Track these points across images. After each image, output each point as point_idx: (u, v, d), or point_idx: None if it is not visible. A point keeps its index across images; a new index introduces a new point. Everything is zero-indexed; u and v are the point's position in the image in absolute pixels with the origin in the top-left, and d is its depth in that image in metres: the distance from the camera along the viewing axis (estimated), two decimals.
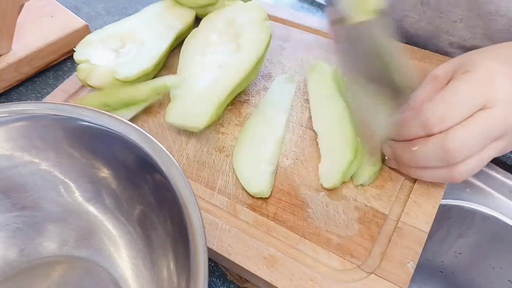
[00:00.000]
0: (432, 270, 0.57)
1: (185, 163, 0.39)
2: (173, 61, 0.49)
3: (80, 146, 0.33)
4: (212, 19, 0.46)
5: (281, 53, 0.48)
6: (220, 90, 0.40)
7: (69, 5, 0.62)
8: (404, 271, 0.31)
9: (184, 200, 0.26)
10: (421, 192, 0.35)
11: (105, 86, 0.41)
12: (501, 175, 0.45)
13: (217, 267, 0.36)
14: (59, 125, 0.32)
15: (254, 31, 0.43)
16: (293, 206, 0.35)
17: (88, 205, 0.35)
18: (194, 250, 0.24)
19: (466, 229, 0.50)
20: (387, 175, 0.37)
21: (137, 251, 0.33)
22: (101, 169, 0.33)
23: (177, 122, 0.39)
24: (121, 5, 0.63)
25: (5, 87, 0.50)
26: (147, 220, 0.32)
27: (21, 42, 0.51)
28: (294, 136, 0.40)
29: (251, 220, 0.35)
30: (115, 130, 0.30)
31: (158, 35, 0.46)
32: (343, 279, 0.31)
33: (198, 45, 0.44)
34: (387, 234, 0.33)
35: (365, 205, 0.35)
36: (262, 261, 0.32)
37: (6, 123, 0.32)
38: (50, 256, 0.34)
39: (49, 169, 0.34)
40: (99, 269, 0.34)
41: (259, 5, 0.45)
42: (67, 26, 0.53)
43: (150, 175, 0.30)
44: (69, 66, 0.54)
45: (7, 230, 0.34)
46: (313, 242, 0.33)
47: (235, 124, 0.42)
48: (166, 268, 0.30)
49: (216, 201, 0.36)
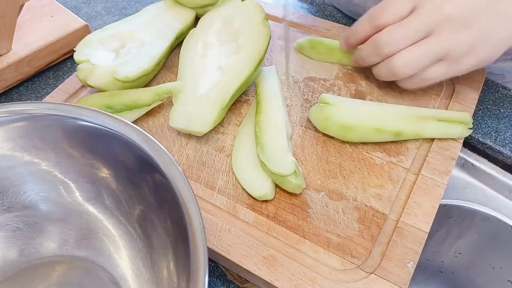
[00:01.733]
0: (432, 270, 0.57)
1: (185, 163, 0.39)
2: (173, 61, 0.49)
3: (80, 146, 0.33)
4: (209, 19, 0.46)
5: (281, 53, 0.48)
6: (222, 93, 0.39)
7: (69, 5, 0.63)
8: (404, 271, 0.31)
9: (184, 200, 0.26)
10: (421, 192, 0.35)
11: (105, 86, 0.41)
12: (501, 175, 0.45)
13: (217, 267, 0.36)
14: (59, 125, 0.32)
15: (253, 31, 0.43)
16: (293, 206, 0.35)
17: (88, 205, 0.35)
18: (194, 250, 0.24)
19: (466, 229, 0.50)
20: (387, 175, 0.37)
21: (137, 251, 0.33)
22: (101, 169, 0.33)
23: (181, 127, 0.39)
24: (121, 5, 0.63)
25: (5, 87, 0.50)
26: (147, 220, 0.32)
27: (21, 42, 0.51)
28: (294, 136, 0.40)
29: (251, 220, 0.35)
30: (115, 130, 0.30)
31: (158, 35, 0.46)
32: (343, 279, 0.31)
33: (197, 47, 0.44)
34: (387, 234, 0.33)
35: (365, 205, 0.35)
36: (262, 261, 0.32)
37: (6, 123, 0.32)
38: (50, 256, 0.34)
39: (49, 169, 0.34)
40: (99, 269, 0.34)
41: (257, 3, 0.45)
42: (67, 26, 0.53)
43: (150, 175, 0.30)
44: (69, 66, 0.54)
45: (7, 230, 0.34)
46: (313, 242, 0.33)
47: (235, 124, 0.42)
48: (166, 268, 0.30)
49: (216, 201, 0.36)
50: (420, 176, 0.36)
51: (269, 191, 0.35)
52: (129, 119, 0.41)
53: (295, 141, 0.40)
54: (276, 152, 0.36)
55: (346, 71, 0.46)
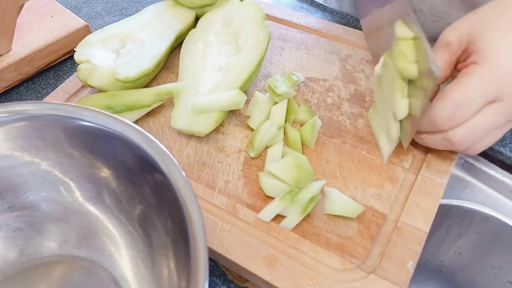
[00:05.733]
0: (432, 270, 0.57)
1: (185, 163, 0.39)
2: (173, 61, 0.49)
3: (80, 146, 0.33)
4: (209, 19, 0.46)
5: (281, 54, 0.48)
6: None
7: (69, 5, 0.63)
8: (403, 271, 0.31)
9: (184, 200, 0.26)
10: (420, 192, 0.35)
11: (106, 87, 0.41)
12: (501, 175, 0.45)
13: (217, 266, 0.36)
14: (59, 125, 0.32)
15: (253, 31, 0.43)
16: None
17: (88, 205, 0.35)
18: (194, 250, 0.24)
19: (465, 229, 0.50)
20: (386, 175, 0.37)
21: (137, 251, 0.33)
22: (101, 169, 0.33)
23: (183, 127, 0.39)
24: (121, 5, 0.63)
25: (5, 87, 0.50)
26: (148, 220, 0.32)
27: (21, 42, 0.51)
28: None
29: (251, 220, 0.35)
30: (115, 130, 0.30)
31: (159, 35, 0.46)
32: (343, 279, 0.31)
33: (197, 47, 0.44)
34: (386, 234, 0.33)
35: (364, 205, 0.35)
36: (262, 261, 0.32)
37: (6, 123, 0.32)
38: (50, 256, 0.34)
39: (50, 169, 0.34)
40: (100, 269, 0.34)
41: (257, 3, 0.45)
42: (67, 26, 0.53)
43: (151, 175, 0.30)
44: (70, 66, 0.54)
45: (7, 230, 0.34)
46: (313, 242, 0.33)
47: (235, 124, 0.42)
48: (167, 268, 0.30)
49: (216, 201, 0.36)
50: (419, 176, 0.36)
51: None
52: (130, 120, 0.41)
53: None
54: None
55: (346, 71, 0.46)
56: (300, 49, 0.49)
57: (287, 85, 0.41)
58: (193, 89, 0.41)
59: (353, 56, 0.47)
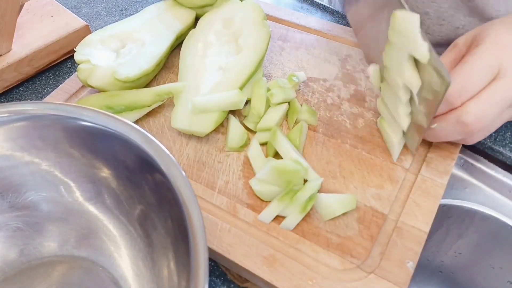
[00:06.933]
0: (432, 270, 0.57)
1: (185, 163, 0.39)
2: (173, 61, 0.49)
3: (80, 146, 0.33)
4: (209, 19, 0.46)
5: (281, 54, 0.48)
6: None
7: (69, 5, 0.63)
8: (403, 271, 0.31)
9: (184, 200, 0.26)
10: (420, 192, 0.35)
11: (106, 87, 0.41)
12: (501, 175, 0.45)
13: (217, 266, 0.36)
14: (59, 125, 0.32)
15: (253, 31, 0.43)
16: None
17: (88, 205, 0.35)
18: (194, 250, 0.24)
19: (465, 229, 0.50)
20: (386, 175, 0.37)
21: (137, 251, 0.33)
22: (101, 169, 0.33)
23: (183, 127, 0.39)
24: (121, 6, 0.63)
25: (5, 87, 0.50)
26: (148, 220, 0.32)
27: (21, 42, 0.51)
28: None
29: (251, 220, 0.35)
30: (115, 130, 0.30)
31: (159, 35, 0.46)
32: (343, 279, 0.31)
33: (197, 47, 0.44)
34: (386, 234, 0.33)
35: (364, 205, 0.35)
36: (262, 261, 0.32)
37: (6, 123, 0.32)
38: (50, 256, 0.34)
39: (50, 169, 0.34)
40: (100, 269, 0.34)
41: (257, 3, 0.45)
42: (67, 26, 0.53)
43: (151, 175, 0.30)
44: (70, 66, 0.54)
45: (7, 230, 0.34)
46: (313, 242, 0.33)
47: None
48: (167, 268, 0.30)
49: (216, 201, 0.36)
50: (419, 176, 0.36)
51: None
52: (130, 120, 0.41)
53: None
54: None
55: (346, 71, 0.46)
56: (300, 49, 0.49)
57: (288, 87, 0.41)
58: (193, 89, 0.41)
59: (353, 56, 0.47)
